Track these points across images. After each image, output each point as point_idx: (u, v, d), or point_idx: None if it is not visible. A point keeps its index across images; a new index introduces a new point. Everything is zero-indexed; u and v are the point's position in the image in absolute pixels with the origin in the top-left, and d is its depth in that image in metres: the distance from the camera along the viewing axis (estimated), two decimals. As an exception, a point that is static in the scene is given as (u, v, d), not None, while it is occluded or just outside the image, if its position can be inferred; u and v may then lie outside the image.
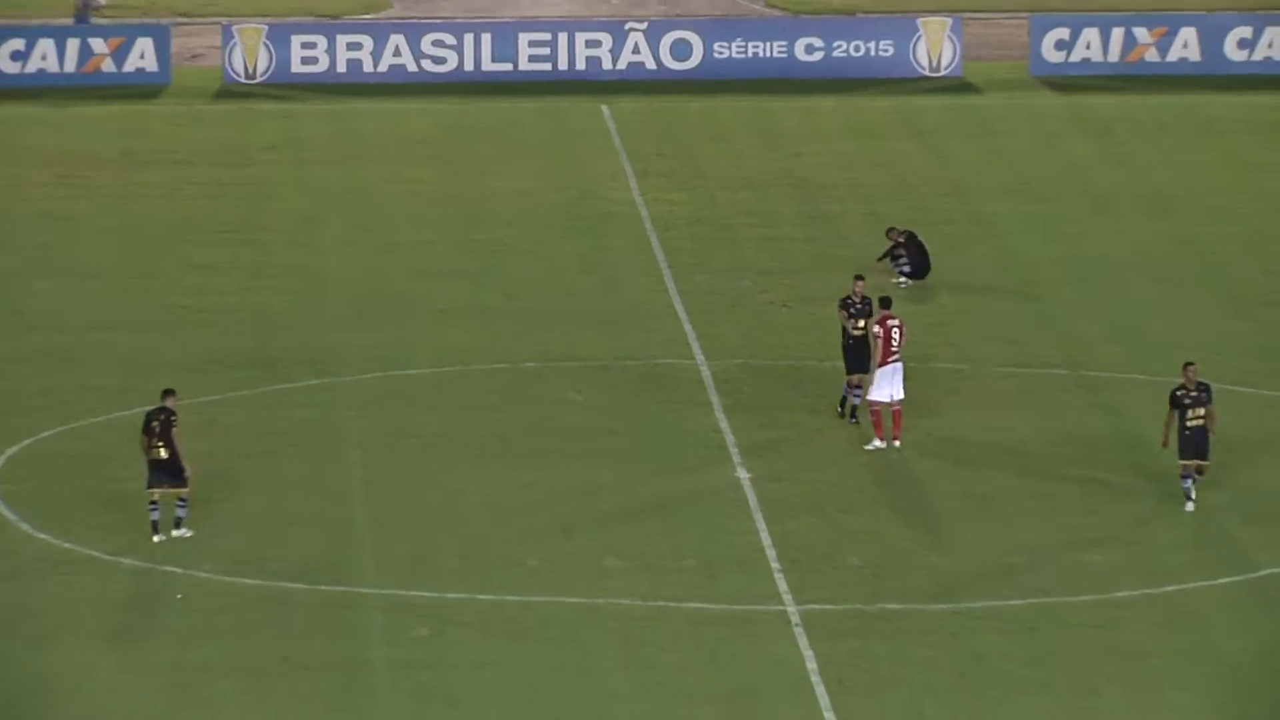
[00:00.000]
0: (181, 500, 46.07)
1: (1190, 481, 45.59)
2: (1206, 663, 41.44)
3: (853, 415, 50.34)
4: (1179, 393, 45.54)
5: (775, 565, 44.87)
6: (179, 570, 44.58)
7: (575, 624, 42.82)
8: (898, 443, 50.27)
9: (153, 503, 46.03)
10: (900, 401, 50.11)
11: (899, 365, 49.96)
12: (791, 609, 43.13)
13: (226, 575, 44.54)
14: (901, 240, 56.15)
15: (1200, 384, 45.64)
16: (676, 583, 44.30)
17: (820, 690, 40.08)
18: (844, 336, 50.33)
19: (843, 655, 41.39)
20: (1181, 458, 45.32)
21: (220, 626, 42.82)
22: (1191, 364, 46.16)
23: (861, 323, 50.18)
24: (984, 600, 43.59)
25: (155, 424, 45.71)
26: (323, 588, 44.27)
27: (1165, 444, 45.73)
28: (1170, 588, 44.00)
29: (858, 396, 50.15)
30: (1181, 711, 39.68)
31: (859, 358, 50.01)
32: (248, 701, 40.11)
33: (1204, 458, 45.33)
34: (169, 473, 45.80)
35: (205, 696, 40.24)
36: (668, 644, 42.10)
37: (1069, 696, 40.12)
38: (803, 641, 41.88)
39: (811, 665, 41.04)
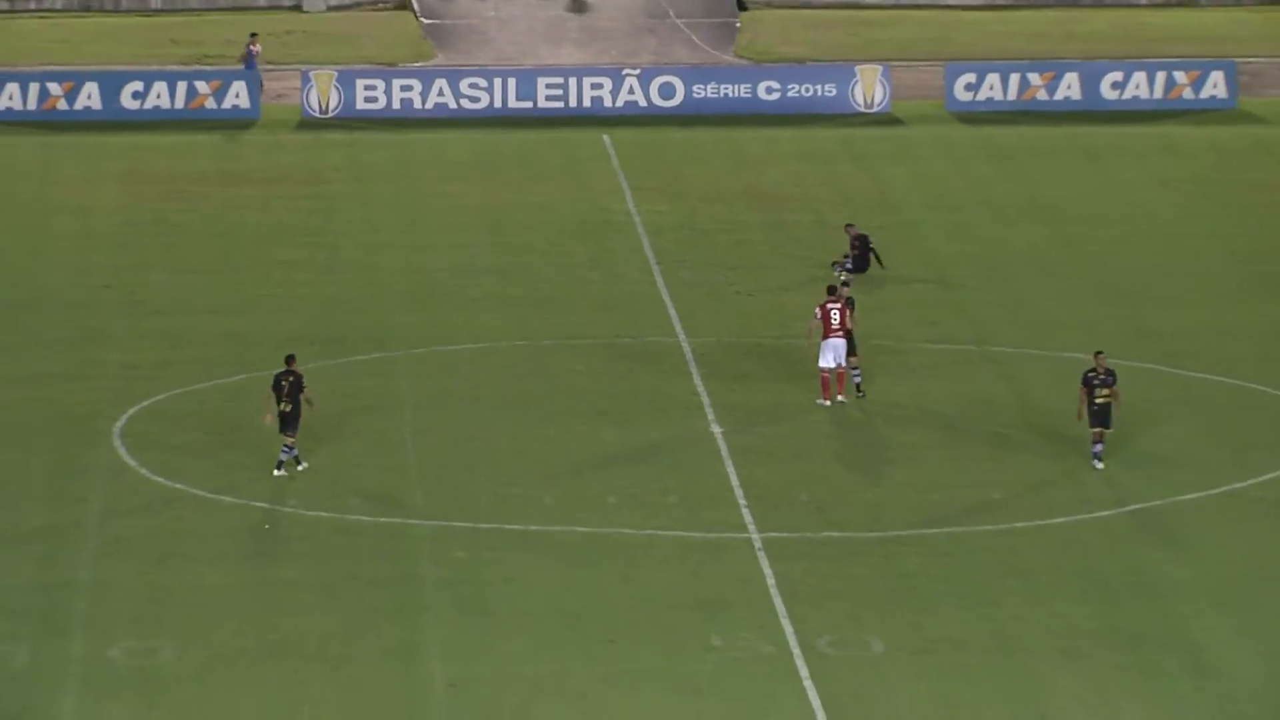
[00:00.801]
0: (291, 448, 46.60)
1: (1099, 447, 45.39)
2: (1088, 580, 41.82)
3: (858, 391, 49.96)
4: (1090, 375, 45.36)
5: (742, 502, 45.34)
6: (267, 506, 45.13)
7: (584, 548, 43.44)
8: (841, 398, 50.32)
9: (286, 446, 46.67)
10: (842, 372, 50.23)
11: (840, 341, 49.78)
12: (755, 536, 43.70)
13: (306, 510, 45.13)
14: (857, 241, 56.47)
15: (1107, 369, 45.40)
16: (664, 516, 44.82)
17: (778, 601, 40.76)
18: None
19: (796, 573, 41.99)
20: (1091, 426, 45.09)
21: (300, 550, 43.45)
22: (1101, 352, 45.89)
23: (845, 315, 49.53)
24: (909, 530, 44.12)
25: (284, 383, 46.32)
26: (382, 519, 44.83)
27: (1080, 417, 45.49)
28: (1059, 519, 44.38)
29: (858, 375, 49.90)
30: (1067, 619, 40.12)
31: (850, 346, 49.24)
32: (323, 610, 40.69)
33: (1108, 427, 45.04)
34: (291, 423, 46.34)
35: (289, 606, 40.78)
36: (657, 565, 42.74)
37: (976, 607, 40.65)
38: (764, 562, 42.55)
39: (771, 581, 41.64)
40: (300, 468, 46.96)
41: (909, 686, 37.86)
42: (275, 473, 46.73)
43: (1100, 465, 45.55)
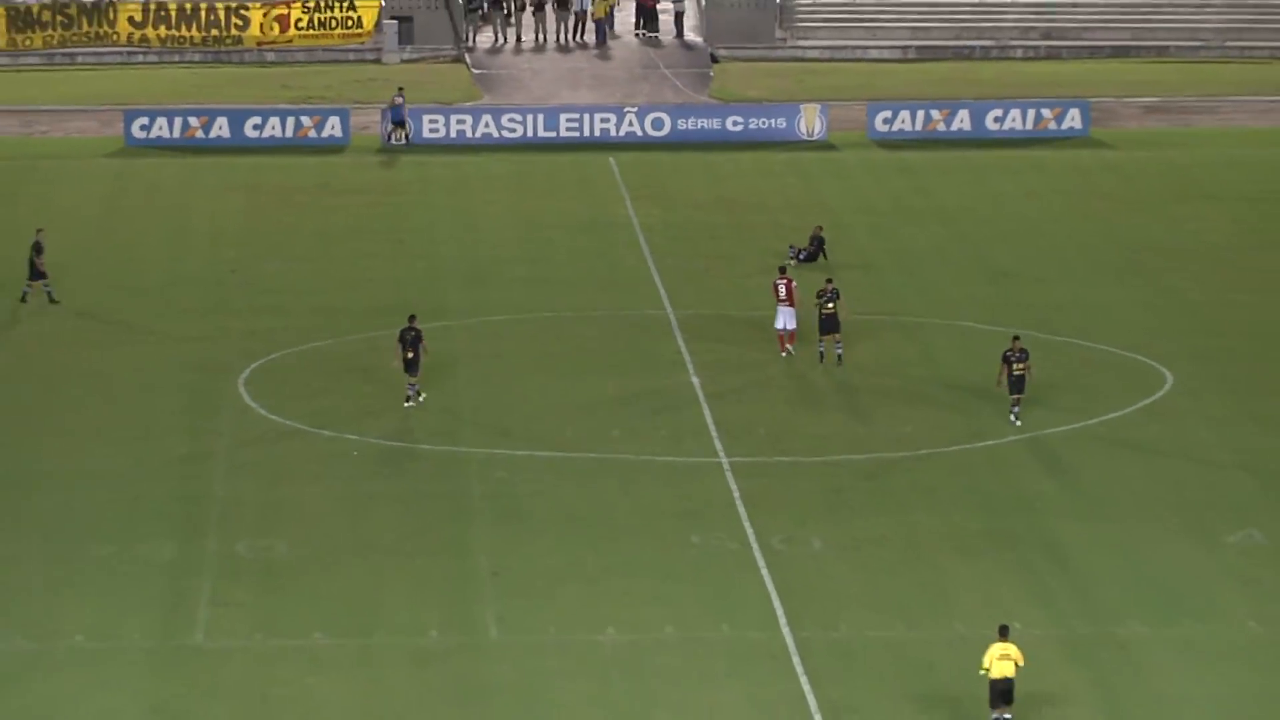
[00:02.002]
0: (416, 385, 46.40)
1: (1017, 409, 44.66)
2: (977, 494, 42.02)
3: (821, 359, 49.04)
4: (1008, 353, 44.53)
5: (714, 433, 45.18)
6: (355, 437, 45.01)
7: (594, 472, 43.32)
8: (791, 348, 49.91)
9: (410, 384, 46.40)
10: (792, 331, 49.87)
11: (791, 309, 49.66)
12: (724, 461, 43.56)
13: (384, 440, 45.03)
14: (817, 239, 56.12)
15: (1022, 349, 44.56)
16: (654, 445, 44.60)
17: (741, 510, 40.87)
18: (818, 314, 48.68)
19: (755, 489, 41.95)
20: (1010, 393, 44.46)
21: (380, 472, 43.54)
22: (1017, 336, 45.10)
23: (831, 304, 48.54)
24: (841, 455, 44.03)
25: (408, 336, 46.09)
26: (440, 448, 44.76)
27: (999, 385, 44.76)
28: (955, 448, 44.36)
29: (823, 350, 48.99)
30: (961, 525, 40.32)
31: (828, 327, 48.54)
32: (397, 516, 40.88)
33: (1022, 393, 44.29)
34: (414, 367, 46.13)
35: (371, 513, 41.08)
36: (649, 482, 42.76)
37: (891, 514, 40.87)
38: (731, 481, 42.50)
39: (736, 495, 41.64)
40: (421, 399, 46.74)
41: (840, 574, 38.09)
42: (405, 404, 46.69)
43: (1018, 423, 44.79)
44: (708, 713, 32.76)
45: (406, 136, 69.10)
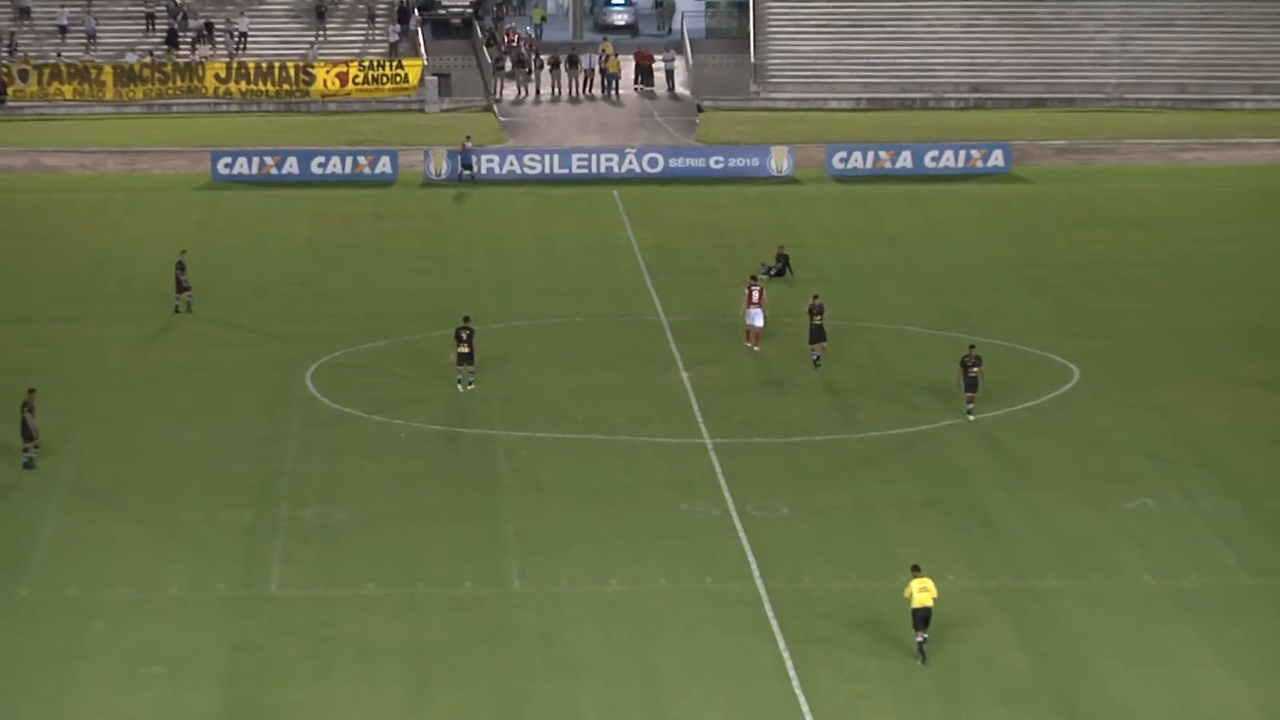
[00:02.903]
0: (472, 374, 46.31)
1: (972, 405, 44.14)
2: (917, 468, 42.00)
3: (816, 364, 48.23)
4: (965, 358, 43.98)
5: (700, 419, 45.01)
6: (401, 421, 44.88)
7: (601, 449, 43.26)
8: (758, 348, 49.65)
9: (459, 375, 46.27)
10: (760, 328, 49.55)
11: (759, 310, 49.41)
12: (708, 441, 43.45)
13: (427, 425, 44.85)
14: (782, 257, 55.99)
15: (976, 355, 44.11)
16: (650, 428, 44.46)
17: (722, 482, 40.87)
18: (809, 322, 48.09)
19: (734, 465, 41.91)
20: (965, 392, 43.92)
21: (423, 451, 43.42)
22: (973, 345, 44.99)
23: (819, 317, 47.86)
24: (803, 437, 43.90)
25: (464, 333, 45.93)
26: (474, 430, 44.65)
27: (958, 386, 44.22)
28: (898, 430, 44.32)
29: (817, 356, 48.19)
30: (904, 494, 40.28)
31: (817, 337, 47.85)
32: (437, 488, 40.83)
33: (976, 391, 43.82)
34: (469, 359, 46.02)
35: (416, 485, 41.04)
36: (647, 459, 42.74)
37: (845, 486, 40.89)
38: (714, 458, 42.43)
39: (718, 470, 41.66)
40: (471, 387, 46.51)
41: (804, 535, 38.11)
42: (460, 389, 46.51)
43: (973, 419, 44.25)
44: (694, 651, 32.82)
45: (473, 176, 68.71)
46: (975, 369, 44.19)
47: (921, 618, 31.89)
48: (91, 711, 30.58)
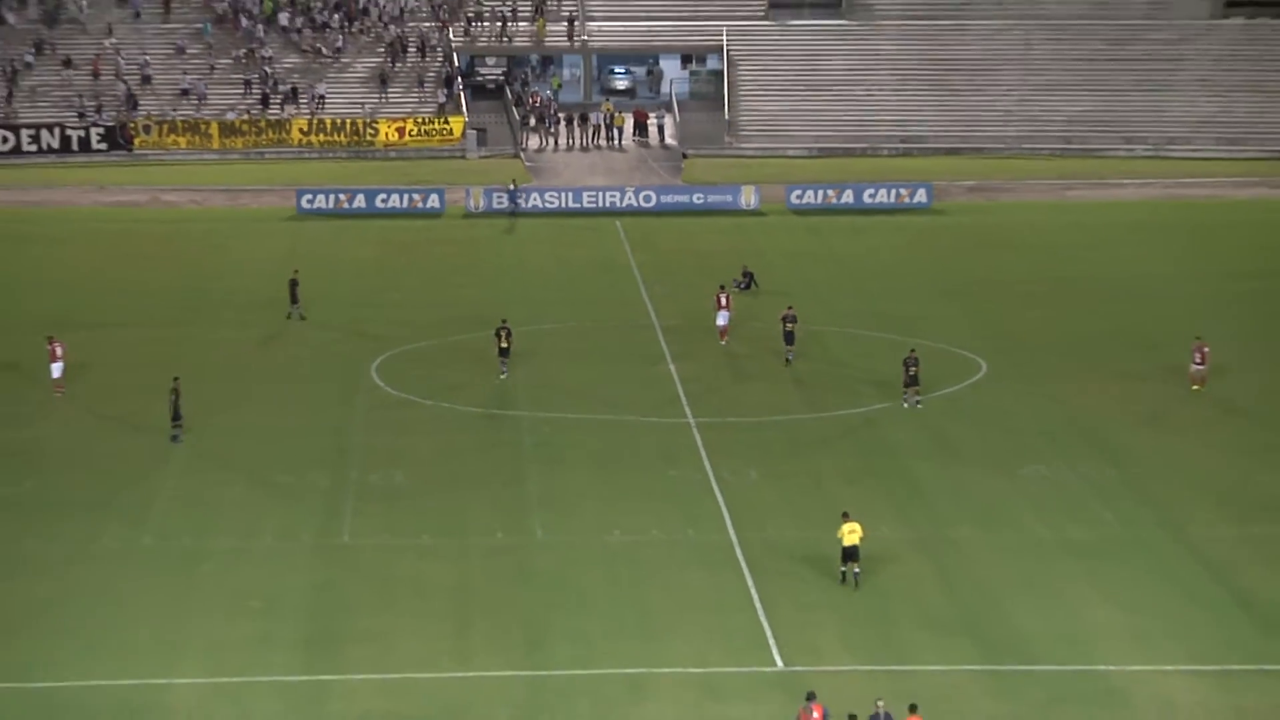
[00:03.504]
0: (506, 365, 46.32)
1: (915, 397, 43.53)
2: (853, 441, 41.95)
3: (788, 363, 47.53)
4: (907, 359, 43.68)
5: (685, 402, 44.80)
6: (447, 405, 44.75)
7: (607, 427, 43.12)
8: (725, 342, 49.45)
9: (502, 364, 46.28)
10: (725, 327, 49.39)
11: (726, 312, 49.40)
12: (691, 420, 43.34)
13: (468, 407, 44.70)
14: (747, 274, 55.74)
15: (916, 357, 43.50)
16: (644, 410, 44.27)
17: (703, 453, 40.82)
18: (783, 329, 47.40)
19: (712, 439, 41.83)
20: (907, 387, 43.50)
21: (466, 428, 43.31)
22: (914, 349, 44.49)
23: (792, 325, 47.20)
24: (766, 417, 43.77)
25: (502, 332, 46.01)
26: (505, 412, 44.53)
27: (903, 383, 43.80)
28: (839, 413, 44.10)
29: (789, 357, 47.57)
30: (845, 464, 40.22)
31: (789, 340, 47.26)
32: (476, 459, 40.65)
33: (916, 384, 43.38)
34: (506, 353, 46.08)
35: (459, 457, 40.78)
36: (642, 434, 42.61)
37: (800, 458, 40.69)
38: (696, 435, 42.30)
39: (699, 443, 41.58)
40: (505, 375, 46.32)
41: (768, 496, 38.14)
42: (499, 378, 46.28)
43: (920, 406, 43.72)
44: (680, 587, 32.97)
45: (515, 210, 68.36)
46: (914, 368, 43.88)
47: (849, 554, 32.49)
48: (203, 636, 30.71)
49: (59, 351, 44.58)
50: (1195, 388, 45.13)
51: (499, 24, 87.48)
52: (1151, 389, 45.80)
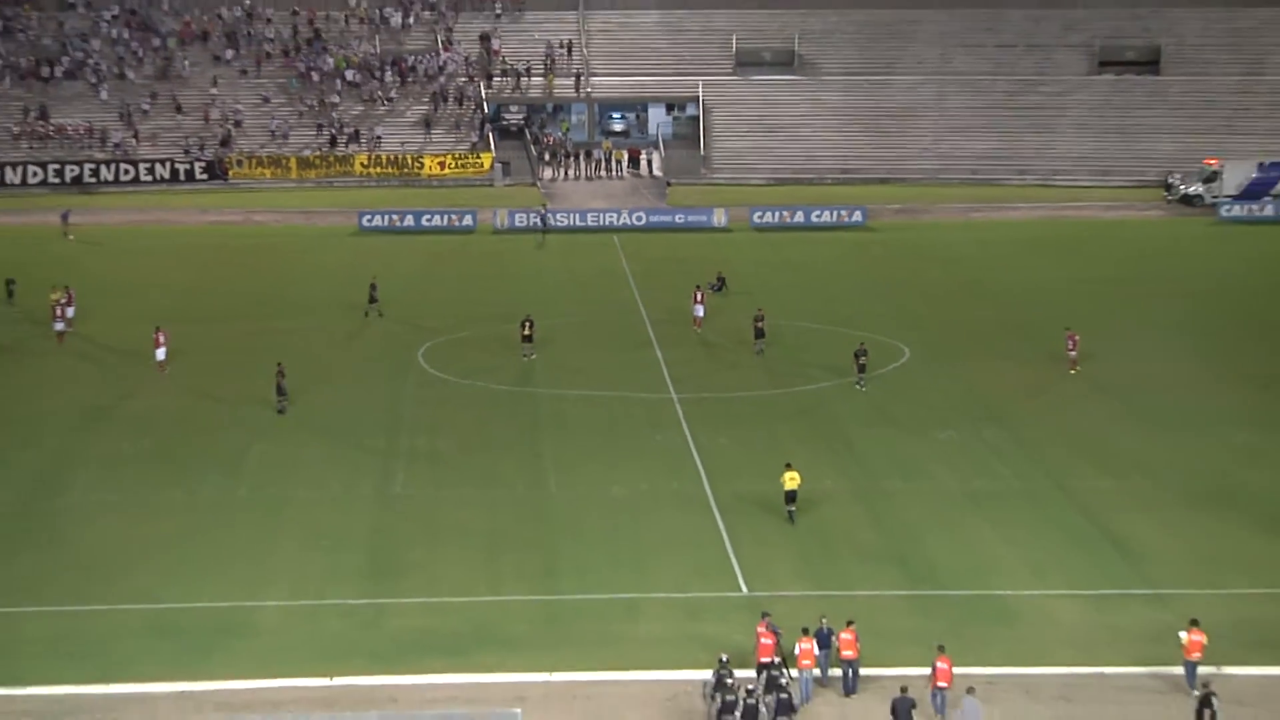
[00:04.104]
0: (532, 350, 45.93)
1: (863, 384, 42.98)
2: (797, 409, 41.69)
3: (758, 354, 46.52)
4: (857, 351, 43.26)
5: (670, 383, 44.56)
6: (478, 383, 44.55)
7: (605, 402, 42.80)
8: (700, 330, 49.43)
9: (524, 351, 46.12)
10: (700, 317, 49.54)
11: (701, 306, 49.58)
12: (675, 397, 43.12)
13: (497, 386, 44.49)
14: (720, 278, 55.56)
15: (865, 349, 43.19)
16: (636, 387, 44.04)
17: (684, 423, 40.62)
18: (754, 327, 46.68)
19: (691, 411, 41.70)
20: (858, 374, 43.07)
21: (495, 402, 43.07)
22: (863, 342, 44.01)
23: (761, 323, 46.49)
24: (734, 394, 43.61)
25: (526, 324, 46.02)
26: (524, 389, 44.28)
27: (853, 371, 43.22)
28: (791, 390, 43.96)
29: (759, 349, 46.89)
30: (797, 432, 39.82)
31: (759, 334, 46.52)
32: (503, 427, 40.48)
33: (864, 373, 42.98)
34: (530, 340, 45.83)
35: (489, 424, 40.65)
36: (634, 408, 42.35)
37: (760, 426, 40.50)
38: (678, 408, 42.16)
39: (680, 414, 41.48)
40: (531, 358, 46.10)
41: (735, 456, 37.94)
42: (524, 359, 45.86)
43: (863, 389, 43.04)
44: (665, 528, 33.03)
45: (545, 229, 67.85)
46: (864, 358, 43.59)
47: (789, 497, 32.81)
48: (285, 568, 30.79)
49: (162, 339, 44.76)
50: (1072, 371, 45.12)
51: (519, 79, 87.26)
52: (1037, 370, 45.76)
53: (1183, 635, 25.04)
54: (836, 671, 25.29)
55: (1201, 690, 23.32)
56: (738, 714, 22.69)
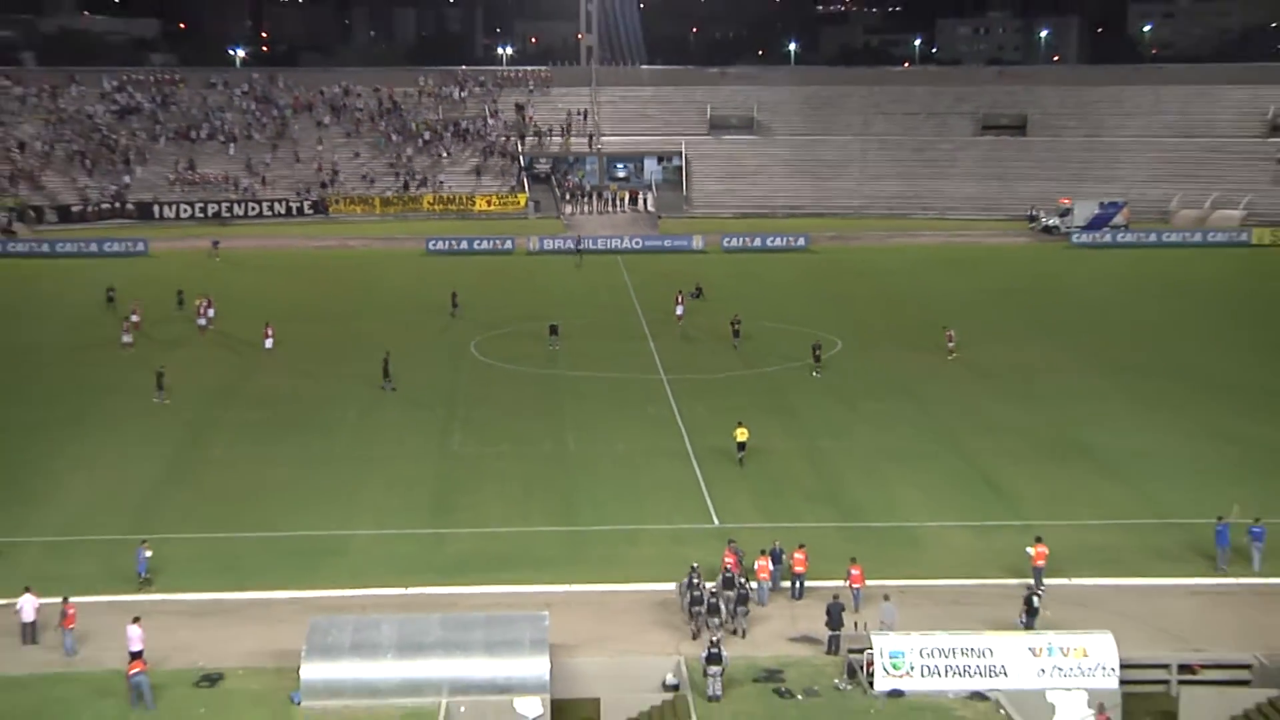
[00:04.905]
0: (558, 342, 45.67)
1: (818, 372, 41.77)
2: (762, 390, 41.01)
3: (735, 347, 45.07)
4: (814, 345, 42.51)
5: (659, 365, 44.27)
6: (516, 367, 44.26)
7: (611, 381, 42.38)
8: (682, 323, 49.11)
9: (551, 343, 45.63)
10: (681, 315, 49.24)
11: (681, 306, 49.43)
12: (664, 378, 42.80)
13: (531, 369, 44.21)
14: (698, 288, 55.36)
15: (819, 346, 42.16)
16: (634, 370, 43.71)
17: (671, 398, 40.16)
18: (731, 328, 45.47)
19: (676, 388, 41.35)
20: (815, 364, 42.25)
21: (530, 381, 42.65)
22: (818, 340, 43.19)
23: (738, 325, 45.54)
24: (709, 375, 43.23)
25: (553, 325, 45.63)
26: (550, 372, 43.92)
27: (813, 359, 42.07)
28: (752, 371, 43.52)
29: (736, 345, 45.32)
30: (755, 402, 39.27)
31: (736, 335, 45.48)
32: (536, 400, 40.02)
33: (819, 362, 42.41)
34: (555, 331, 45.58)
35: (526, 399, 40.05)
36: (633, 386, 41.90)
37: (729, 396, 39.93)
38: (667, 386, 41.75)
39: (669, 393, 40.99)
40: (557, 349, 45.55)
41: (708, 420, 37.49)
42: (551, 349, 44.98)
43: (817, 376, 41.73)
44: (657, 475, 32.86)
45: (581, 253, 66.85)
46: (819, 351, 43.11)
47: (740, 446, 32.52)
48: (370, 504, 30.68)
49: (270, 332, 45.47)
50: (950, 357, 44.92)
51: (546, 138, 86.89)
52: (934, 357, 45.57)
53: (1030, 550, 25.18)
54: (786, 583, 25.09)
55: (1027, 591, 23.68)
56: (704, 608, 22.80)
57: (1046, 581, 24.96)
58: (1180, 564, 26.00)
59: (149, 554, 25.17)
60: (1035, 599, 22.81)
